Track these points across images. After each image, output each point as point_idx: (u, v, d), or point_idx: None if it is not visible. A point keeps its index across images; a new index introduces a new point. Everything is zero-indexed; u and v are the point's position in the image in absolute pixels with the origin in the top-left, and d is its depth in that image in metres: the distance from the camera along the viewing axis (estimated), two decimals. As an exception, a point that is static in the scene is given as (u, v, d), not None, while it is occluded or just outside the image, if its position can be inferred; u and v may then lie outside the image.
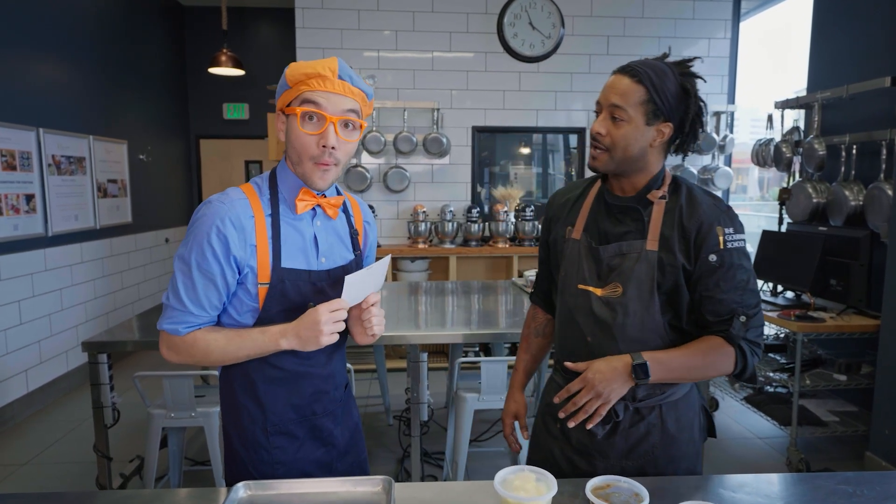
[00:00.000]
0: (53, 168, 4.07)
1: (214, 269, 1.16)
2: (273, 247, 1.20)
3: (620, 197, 1.30)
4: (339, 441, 1.37)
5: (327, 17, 4.76)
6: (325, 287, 1.27)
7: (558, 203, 1.45)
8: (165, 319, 1.20)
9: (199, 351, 1.20)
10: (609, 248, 1.28)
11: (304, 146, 1.18)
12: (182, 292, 1.17)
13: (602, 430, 1.29)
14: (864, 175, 3.35)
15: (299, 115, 1.17)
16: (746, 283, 1.23)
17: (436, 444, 3.31)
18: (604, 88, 1.24)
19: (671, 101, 1.21)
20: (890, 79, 3.04)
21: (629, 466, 1.30)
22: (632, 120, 1.20)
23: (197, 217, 1.17)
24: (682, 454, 1.31)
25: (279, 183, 1.25)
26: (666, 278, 1.23)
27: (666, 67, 1.22)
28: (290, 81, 1.17)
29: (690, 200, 1.25)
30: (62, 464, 3.16)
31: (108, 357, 2.37)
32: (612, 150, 1.23)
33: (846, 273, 3.23)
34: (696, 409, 1.35)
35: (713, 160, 5.16)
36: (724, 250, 1.21)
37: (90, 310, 4.56)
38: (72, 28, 4.38)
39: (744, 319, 1.21)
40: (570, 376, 1.35)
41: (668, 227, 1.24)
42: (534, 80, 4.99)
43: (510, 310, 2.96)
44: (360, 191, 4.88)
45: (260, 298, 1.20)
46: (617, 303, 1.25)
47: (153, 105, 5.81)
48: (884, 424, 2.88)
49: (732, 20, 5.09)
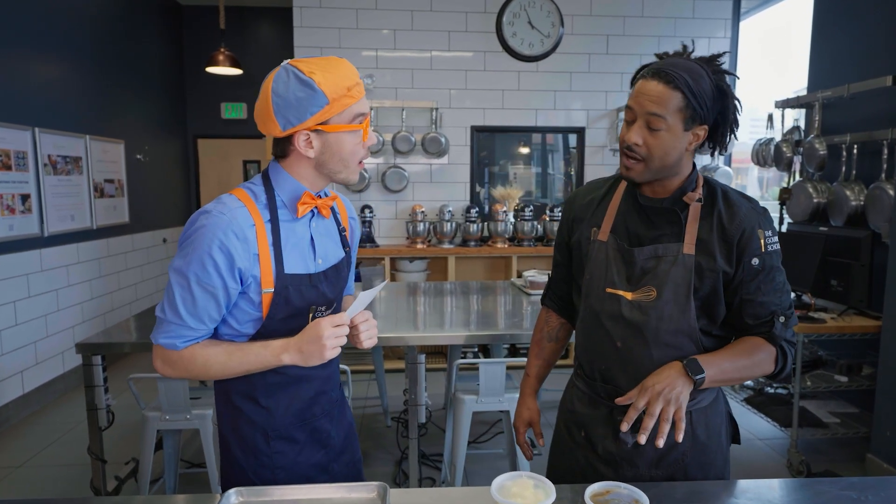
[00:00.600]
0: (49, 168, 4.05)
1: (216, 283, 1.12)
2: (275, 253, 1.17)
3: (653, 199, 1.25)
4: (336, 442, 1.36)
5: (325, 16, 4.74)
6: (324, 288, 1.25)
7: (581, 203, 1.38)
8: (161, 333, 1.16)
9: (197, 366, 1.17)
10: (644, 251, 1.23)
11: (355, 154, 1.20)
12: (180, 306, 1.13)
13: (632, 439, 1.23)
14: (865, 175, 3.33)
15: (351, 130, 1.17)
16: (783, 285, 1.22)
17: (434, 445, 3.28)
18: (636, 95, 1.16)
19: (709, 103, 1.14)
20: (891, 78, 3.01)
21: (658, 475, 1.27)
22: (671, 128, 1.14)
23: (196, 228, 1.12)
24: (711, 461, 1.29)
25: (276, 188, 1.21)
26: (704, 283, 1.19)
27: (699, 68, 1.15)
28: (332, 97, 1.12)
29: (728, 203, 1.21)
30: (57, 466, 3.13)
31: (102, 359, 2.34)
32: (649, 161, 1.17)
33: (847, 273, 3.21)
34: (723, 415, 1.32)
35: (713, 160, 5.14)
36: (765, 254, 1.19)
37: (87, 310, 4.53)
38: (69, 27, 4.35)
39: (783, 320, 1.20)
40: (596, 383, 1.31)
41: (705, 230, 1.20)
42: (533, 80, 4.97)
43: (509, 311, 2.93)
44: (359, 191, 4.86)
45: (264, 306, 1.17)
46: (650, 307, 1.21)
47: (151, 104, 5.78)
48: (885, 426, 2.86)
49: (732, 19, 5.07)
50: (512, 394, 2.50)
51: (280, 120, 1.13)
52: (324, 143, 1.17)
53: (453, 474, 2.55)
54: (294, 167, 1.21)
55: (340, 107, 1.14)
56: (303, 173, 1.21)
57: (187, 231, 1.13)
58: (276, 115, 1.13)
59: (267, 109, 1.14)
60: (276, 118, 1.13)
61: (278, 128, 1.14)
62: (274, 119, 1.13)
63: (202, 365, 1.17)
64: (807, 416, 3.22)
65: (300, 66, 1.13)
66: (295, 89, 1.11)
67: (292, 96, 1.11)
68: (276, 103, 1.12)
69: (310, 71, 1.12)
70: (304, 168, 1.21)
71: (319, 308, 1.26)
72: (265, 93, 1.14)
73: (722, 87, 1.16)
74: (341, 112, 1.15)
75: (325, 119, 1.14)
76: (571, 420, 1.38)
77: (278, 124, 1.14)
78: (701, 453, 1.27)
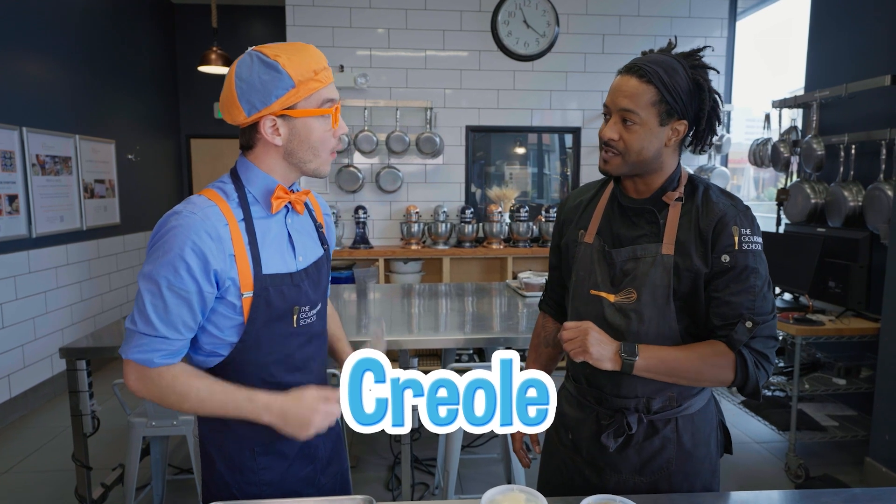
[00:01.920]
0: (38, 168, 3.98)
1: (189, 287, 1.05)
2: (252, 253, 1.12)
3: (635, 199, 1.24)
4: (323, 453, 1.32)
5: (319, 15, 4.69)
6: (306, 287, 1.21)
7: (571, 206, 1.38)
8: (133, 347, 1.07)
9: (174, 394, 1.09)
10: (622, 252, 1.22)
11: (324, 142, 1.15)
12: (151, 314, 1.05)
13: (614, 443, 1.22)
14: (864, 175, 3.30)
15: (319, 115, 1.13)
16: (761, 290, 1.15)
17: (428, 450, 3.24)
18: (611, 91, 1.17)
19: (684, 98, 1.14)
20: (889, 77, 2.99)
21: (642, 482, 1.24)
22: (644, 123, 1.13)
23: (166, 230, 1.05)
24: (697, 470, 1.24)
25: (246, 184, 1.16)
26: (682, 283, 1.17)
27: (675, 62, 1.14)
28: (298, 79, 1.08)
29: (707, 200, 1.19)
30: (43, 472, 3.07)
31: (87, 364, 2.29)
32: (626, 155, 1.17)
33: (845, 275, 3.18)
34: (713, 423, 1.29)
35: (710, 160, 5.11)
36: (738, 251, 1.14)
37: (76, 313, 4.47)
38: (58, 25, 4.29)
39: (750, 325, 1.12)
40: (583, 386, 1.31)
41: (684, 230, 1.18)
42: (528, 79, 4.93)
43: (504, 313, 2.89)
44: (352, 191, 4.81)
45: (245, 311, 1.11)
46: (631, 309, 1.19)
47: (142, 104, 5.72)
48: (884, 430, 2.83)
49: (729, 18, 5.04)
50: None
51: (244, 105, 1.09)
52: (291, 129, 1.12)
53: (447, 480, 2.50)
54: (262, 159, 1.16)
55: (307, 91, 1.10)
56: (272, 165, 1.16)
57: (156, 235, 1.07)
58: (239, 100, 1.09)
59: (231, 95, 1.10)
60: (241, 103, 1.09)
61: (243, 114, 1.10)
62: (238, 104, 1.09)
63: (179, 394, 1.09)
64: (805, 420, 3.18)
65: (264, 50, 1.10)
66: (259, 72, 1.08)
67: (256, 79, 1.08)
68: (240, 87, 1.09)
69: (274, 54, 1.09)
70: (272, 159, 1.15)
71: (303, 309, 1.20)
72: (229, 78, 1.11)
73: (698, 81, 1.15)
74: (308, 96, 1.11)
75: (292, 103, 1.10)
76: (560, 423, 1.37)
77: (243, 110, 1.10)
78: (686, 461, 1.23)
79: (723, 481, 3.13)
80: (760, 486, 2.94)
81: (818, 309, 3.24)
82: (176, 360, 1.11)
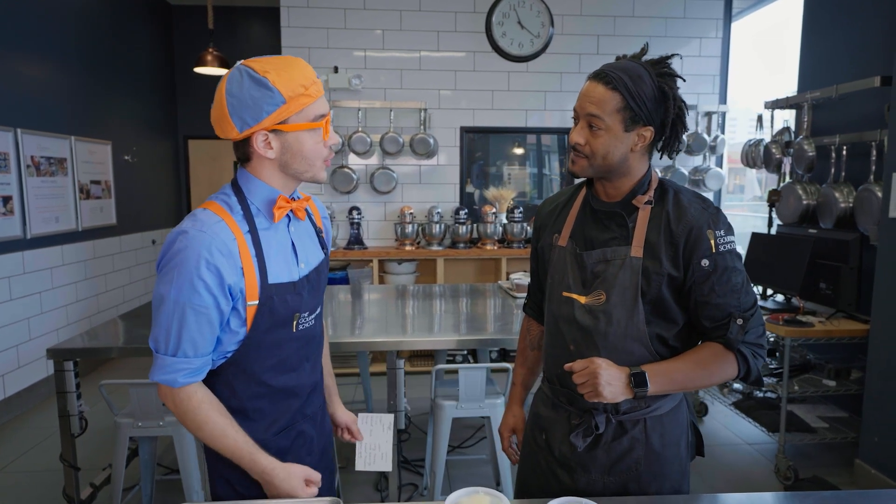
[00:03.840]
0: (32, 169, 4.00)
1: (209, 303, 1.08)
2: (258, 264, 1.14)
3: (605, 202, 1.27)
4: (317, 448, 1.35)
5: (313, 16, 4.70)
6: (306, 294, 1.24)
7: (546, 210, 1.42)
8: (157, 369, 1.11)
9: (193, 420, 1.13)
10: (593, 255, 1.25)
11: (317, 153, 1.17)
12: (172, 334, 1.09)
13: (582, 442, 1.24)
14: (855, 176, 3.29)
15: (310, 129, 1.14)
16: (742, 286, 1.19)
17: (418, 451, 3.24)
18: (579, 96, 1.20)
19: (649, 105, 1.16)
20: (879, 78, 2.98)
21: (611, 482, 1.26)
22: (610, 129, 1.16)
23: (176, 250, 1.07)
24: (666, 472, 1.26)
25: (248, 195, 1.18)
26: (651, 286, 1.19)
27: (642, 70, 1.16)
28: (288, 95, 1.09)
29: (677, 205, 1.21)
30: (35, 472, 3.09)
31: (74, 364, 2.30)
32: (591, 158, 1.20)
33: (836, 276, 3.18)
34: (683, 425, 1.30)
35: (704, 161, 5.11)
36: (716, 254, 1.17)
37: (71, 313, 4.49)
38: (54, 26, 4.31)
39: (741, 322, 1.17)
40: (556, 387, 1.33)
41: (653, 233, 1.20)
42: (523, 80, 4.93)
43: (498, 314, 2.90)
44: (347, 192, 4.82)
45: (248, 319, 1.14)
46: (600, 310, 1.22)
47: (139, 105, 5.74)
48: (873, 432, 2.82)
49: (724, 19, 5.04)
50: (493, 399, 2.46)
51: (236, 121, 1.11)
52: (283, 143, 1.14)
53: (433, 481, 2.51)
54: (260, 170, 1.18)
55: (298, 106, 1.11)
56: (270, 176, 1.18)
57: (166, 255, 1.09)
58: (231, 116, 1.10)
59: (222, 111, 1.11)
60: (232, 119, 1.11)
61: (235, 130, 1.11)
62: (230, 120, 1.11)
63: (198, 422, 1.13)
64: (795, 421, 3.18)
65: (254, 66, 1.11)
66: (249, 89, 1.09)
67: (247, 96, 1.09)
68: (231, 104, 1.10)
69: (264, 70, 1.09)
70: (268, 170, 1.18)
71: (303, 314, 1.23)
72: (220, 94, 1.12)
73: (664, 89, 1.17)
74: (299, 111, 1.12)
75: (283, 119, 1.11)
76: (535, 423, 1.40)
77: (235, 126, 1.11)
78: (655, 462, 1.25)
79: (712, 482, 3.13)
80: (750, 487, 2.94)
81: (809, 310, 3.24)
82: (199, 378, 1.14)
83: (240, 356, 1.16)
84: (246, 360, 1.17)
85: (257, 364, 1.19)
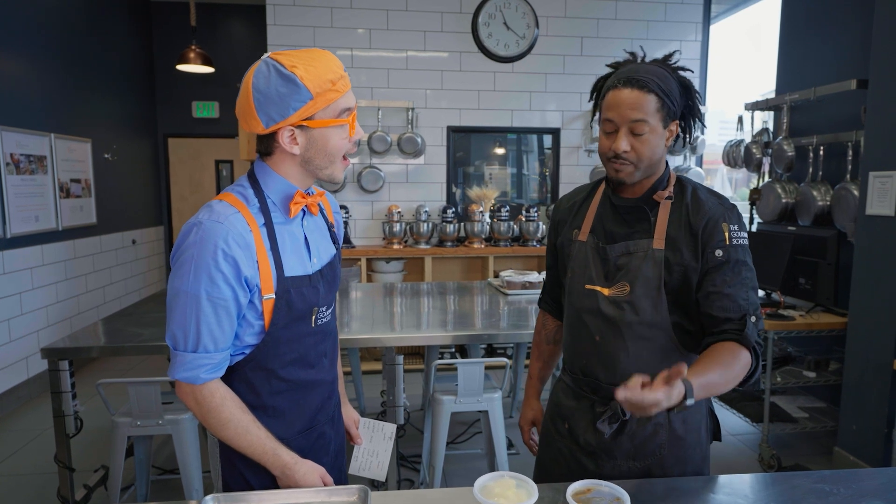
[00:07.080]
0: (12, 167, 3.91)
1: (227, 295, 1.07)
2: (274, 257, 1.13)
3: (627, 198, 1.31)
4: (334, 448, 1.35)
5: (300, 14, 4.68)
6: (322, 288, 1.23)
7: (564, 207, 1.46)
8: (177, 366, 1.09)
9: (217, 418, 1.12)
10: (616, 248, 1.29)
11: (340, 149, 1.16)
12: (191, 329, 1.07)
13: (609, 429, 1.27)
14: (832, 176, 3.42)
15: (336, 125, 1.13)
16: (751, 281, 1.23)
17: (413, 447, 3.27)
18: (612, 107, 1.20)
19: (678, 100, 1.22)
20: (855, 81, 3.10)
21: (636, 468, 1.29)
22: (654, 130, 1.20)
23: (191, 242, 1.05)
24: (688, 456, 1.30)
25: (265, 189, 1.17)
26: (673, 277, 1.23)
27: (663, 69, 1.23)
28: (315, 91, 1.08)
29: (696, 199, 1.26)
30: (23, 475, 3.03)
31: (69, 364, 2.27)
32: (638, 163, 1.22)
33: (814, 272, 3.30)
34: (703, 410, 1.35)
35: (685, 161, 5.23)
36: (729, 246, 1.21)
37: (52, 314, 4.39)
38: (32, 22, 4.21)
39: (754, 320, 1.20)
40: (578, 377, 1.36)
41: (674, 226, 1.25)
42: (508, 81, 4.99)
43: (486, 310, 2.94)
44: (334, 191, 4.81)
45: (266, 313, 1.13)
46: (625, 301, 1.26)
47: (119, 102, 5.64)
48: (851, 420, 2.94)
49: (703, 23, 5.17)
50: (490, 394, 2.50)
51: (262, 117, 1.09)
52: (309, 138, 1.13)
53: (432, 475, 2.54)
54: (280, 165, 1.17)
55: (325, 101, 1.09)
56: (289, 171, 1.17)
57: (182, 246, 1.07)
58: (257, 112, 1.08)
59: (248, 106, 1.09)
60: (258, 115, 1.08)
61: (261, 125, 1.09)
62: (256, 116, 1.09)
63: (222, 420, 1.12)
64: (777, 412, 3.29)
65: (281, 60, 1.08)
66: (276, 84, 1.07)
67: (274, 92, 1.07)
68: (258, 99, 1.08)
69: (291, 65, 1.07)
70: (289, 166, 1.17)
71: (321, 309, 1.23)
72: (246, 88, 1.09)
73: (685, 82, 1.25)
74: (326, 107, 1.10)
75: (310, 115, 1.09)
76: (556, 413, 1.43)
77: (261, 121, 1.09)
78: (678, 447, 1.29)
79: (700, 471, 3.18)
80: (735, 476, 3.03)
81: (789, 305, 3.35)
82: (220, 374, 1.13)
83: (258, 353, 1.16)
84: (265, 357, 1.16)
85: (276, 360, 1.18)
